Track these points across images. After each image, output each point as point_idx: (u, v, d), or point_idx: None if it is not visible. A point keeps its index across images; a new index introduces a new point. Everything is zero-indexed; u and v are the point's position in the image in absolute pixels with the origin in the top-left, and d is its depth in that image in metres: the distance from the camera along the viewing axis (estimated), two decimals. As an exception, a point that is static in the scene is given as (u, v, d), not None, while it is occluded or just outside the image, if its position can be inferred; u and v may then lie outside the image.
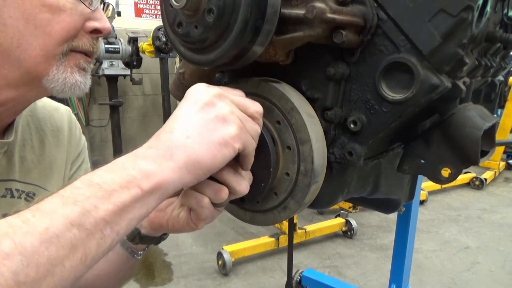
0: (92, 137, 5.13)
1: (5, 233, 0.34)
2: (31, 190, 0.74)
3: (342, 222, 3.27)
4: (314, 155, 0.54)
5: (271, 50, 0.54)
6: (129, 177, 0.40)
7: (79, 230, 0.36)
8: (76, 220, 0.36)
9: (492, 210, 3.90)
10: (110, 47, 4.45)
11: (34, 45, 0.58)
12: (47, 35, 0.58)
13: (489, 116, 0.63)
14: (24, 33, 0.57)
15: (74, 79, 0.62)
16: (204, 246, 3.13)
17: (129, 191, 0.40)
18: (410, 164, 0.63)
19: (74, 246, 0.36)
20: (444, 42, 0.48)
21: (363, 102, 0.55)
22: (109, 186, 0.39)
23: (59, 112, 0.85)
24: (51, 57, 0.60)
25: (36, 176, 0.75)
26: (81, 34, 0.62)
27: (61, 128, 0.83)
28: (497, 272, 2.77)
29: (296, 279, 2.34)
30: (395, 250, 1.59)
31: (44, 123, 0.80)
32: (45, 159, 0.78)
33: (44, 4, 0.57)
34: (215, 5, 0.47)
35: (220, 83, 0.71)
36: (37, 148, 0.77)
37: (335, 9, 0.49)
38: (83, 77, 0.64)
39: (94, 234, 0.37)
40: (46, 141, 0.79)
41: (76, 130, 0.88)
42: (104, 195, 0.39)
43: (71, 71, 0.62)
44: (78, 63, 0.63)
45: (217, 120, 0.45)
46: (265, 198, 0.59)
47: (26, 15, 0.56)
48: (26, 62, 0.58)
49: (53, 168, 0.79)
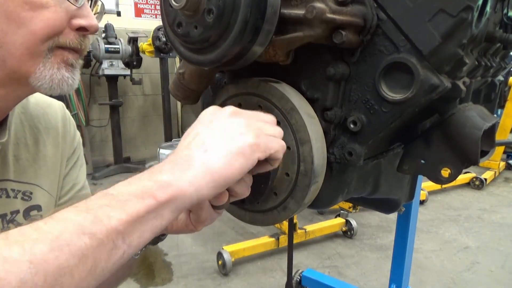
0: (92, 137, 5.12)
1: (15, 241, 0.33)
2: (27, 189, 0.73)
3: (342, 222, 3.27)
4: (314, 155, 0.54)
5: (271, 50, 0.54)
6: (144, 188, 0.40)
7: (91, 239, 0.35)
8: (88, 228, 0.35)
9: (492, 210, 3.90)
10: (110, 47, 4.45)
11: (18, 44, 0.57)
12: (30, 33, 0.56)
13: (489, 116, 0.63)
14: (7, 31, 0.56)
15: (61, 74, 0.61)
16: (204, 246, 3.12)
17: (144, 201, 0.39)
18: (410, 164, 0.63)
19: (84, 256, 0.35)
20: (444, 42, 0.48)
21: (363, 102, 0.55)
22: (123, 196, 0.39)
23: (52, 109, 0.83)
24: (36, 55, 0.58)
25: (31, 175, 0.74)
26: (67, 32, 0.60)
27: (55, 125, 0.82)
28: (497, 272, 2.77)
29: (296, 279, 2.34)
30: (395, 250, 1.59)
31: (37, 120, 0.78)
32: (40, 157, 0.77)
33: (26, 1, 0.55)
34: (215, 5, 0.47)
35: (220, 83, 0.71)
36: (32, 146, 0.76)
37: (335, 9, 0.49)
38: (71, 73, 0.63)
39: (105, 244, 0.36)
40: (40, 139, 0.78)
41: (70, 127, 0.86)
42: (118, 205, 0.38)
43: (57, 67, 0.60)
44: (66, 59, 0.61)
45: (233, 131, 0.45)
46: (265, 198, 0.59)
47: (8, 14, 0.55)
48: (11, 61, 0.57)
49: (49, 166, 0.78)
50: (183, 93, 0.66)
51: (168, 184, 0.41)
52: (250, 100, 0.59)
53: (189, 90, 0.65)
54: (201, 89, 0.66)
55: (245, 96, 0.60)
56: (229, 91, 0.62)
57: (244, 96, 0.60)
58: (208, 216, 0.52)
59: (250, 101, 0.59)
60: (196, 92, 0.66)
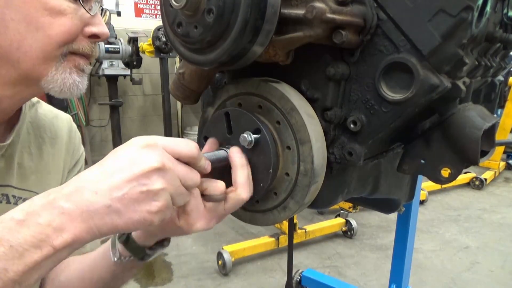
0: (92, 137, 5.12)
1: None
2: (28, 196, 0.73)
3: (342, 222, 3.27)
4: (314, 155, 0.54)
5: (271, 50, 0.54)
6: (41, 236, 0.39)
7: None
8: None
9: (492, 210, 3.90)
10: (110, 47, 4.45)
11: (34, 48, 0.58)
12: (47, 37, 0.59)
13: (489, 116, 0.63)
14: (25, 35, 0.58)
15: (72, 79, 0.63)
16: (204, 246, 3.12)
17: (41, 250, 0.39)
18: (410, 164, 0.63)
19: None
20: (444, 42, 0.48)
21: (363, 102, 0.55)
22: (21, 246, 0.38)
23: (59, 120, 0.85)
24: (50, 59, 0.60)
25: (33, 183, 0.75)
26: (80, 38, 0.63)
27: (60, 136, 0.83)
28: (497, 272, 2.77)
29: (296, 279, 2.34)
30: (395, 250, 1.59)
31: (43, 130, 0.80)
32: (42, 166, 0.77)
33: (46, 7, 0.58)
34: (215, 5, 0.47)
35: (220, 83, 0.71)
36: (35, 155, 0.77)
37: (335, 9, 0.49)
38: (81, 77, 0.65)
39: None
40: (44, 148, 0.79)
41: (76, 139, 0.88)
42: (15, 256, 0.38)
43: (69, 72, 0.63)
44: (77, 64, 0.64)
45: (146, 196, 0.43)
46: (265, 198, 0.59)
47: (28, 18, 0.57)
48: (26, 64, 0.59)
49: (50, 175, 0.79)
50: (183, 93, 0.66)
51: (66, 231, 0.40)
52: (250, 100, 0.59)
53: (189, 90, 0.66)
54: (201, 89, 0.66)
55: (245, 96, 0.60)
56: (229, 91, 0.62)
57: (244, 96, 0.60)
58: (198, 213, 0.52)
59: (250, 101, 0.59)
60: (196, 92, 0.66)
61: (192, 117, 5.92)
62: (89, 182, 0.43)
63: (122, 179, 0.42)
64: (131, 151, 0.45)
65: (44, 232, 0.40)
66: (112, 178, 0.43)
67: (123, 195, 0.42)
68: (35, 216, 0.40)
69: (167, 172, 0.44)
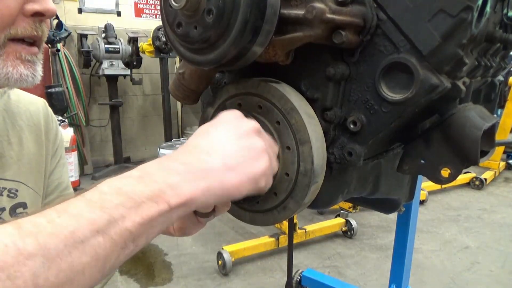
0: (92, 137, 5.12)
1: (29, 232, 0.32)
2: (13, 186, 0.72)
3: (342, 222, 3.27)
4: (314, 155, 0.54)
5: (271, 50, 0.54)
6: (159, 192, 0.39)
7: (104, 239, 0.35)
8: (103, 227, 0.35)
9: (492, 210, 3.90)
10: (110, 47, 4.46)
11: None
12: None
13: (489, 116, 0.63)
14: None
15: (18, 73, 0.56)
16: (204, 246, 3.13)
17: (158, 205, 0.39)
18: (410, 164, 0.63)
19: (96, 254, 0.34)
20: (444, 42, 0.48)
21: (362, 102, 0.55)
22: (139, 197, 0.38)
23: (34, 106, 0.80)
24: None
25: (16, 172, 0.72)
26: (20, 19, 0.55)
27: (37, 122, 0.79)
28: (497, 272, 2.77)
29: (296, 279, 2.34)
30: (395, 250, 1.59)
31: (19, 117, 0.76)
32: (23, 154, 0.75)
33: None
34: (215, 5, 0.47)
35: (220, 83, 0.71)
36: (16, 144, 0.74)
37: (335, 9, 0.49)
38: (30, 69, 0.58)
39: (117, 244, 0.36)
40: (24, 137, 0.76)
41: (52, 124, 0.84)
42: (133, 206, 0.37)
43: (12, 65, 0.56)
44: (19, 55, 0.56)
45: (254, 153, 0.46)
46: (265, 198, 0.59)
47: None
48: None
49: (33, 164, 0.77)
50: (183, 93, 0.66)
51: (182, 191, 0.40)
52: (250, 100, 0.59)
53: (189, 90, 0.65)
54: (201, 89, 0.66)
55: (245, 96, 0.60)
56: (229, 91, 0.62)
57: (244, 96, 0.60)
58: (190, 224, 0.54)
59: (250, 101, 0.59)
60: (196, 92, 0.66)
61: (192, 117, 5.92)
62: (199, 146, 0.45)
63: (231, 139, 0.46)
64: (229, 118, 0.49)
65: (161, 189, 0.39)
66: (221, 139, 0.46)
67: (235, 152, 0.45)
68: (152, 175, 0.40)
69: (263, 136, 0.49)
